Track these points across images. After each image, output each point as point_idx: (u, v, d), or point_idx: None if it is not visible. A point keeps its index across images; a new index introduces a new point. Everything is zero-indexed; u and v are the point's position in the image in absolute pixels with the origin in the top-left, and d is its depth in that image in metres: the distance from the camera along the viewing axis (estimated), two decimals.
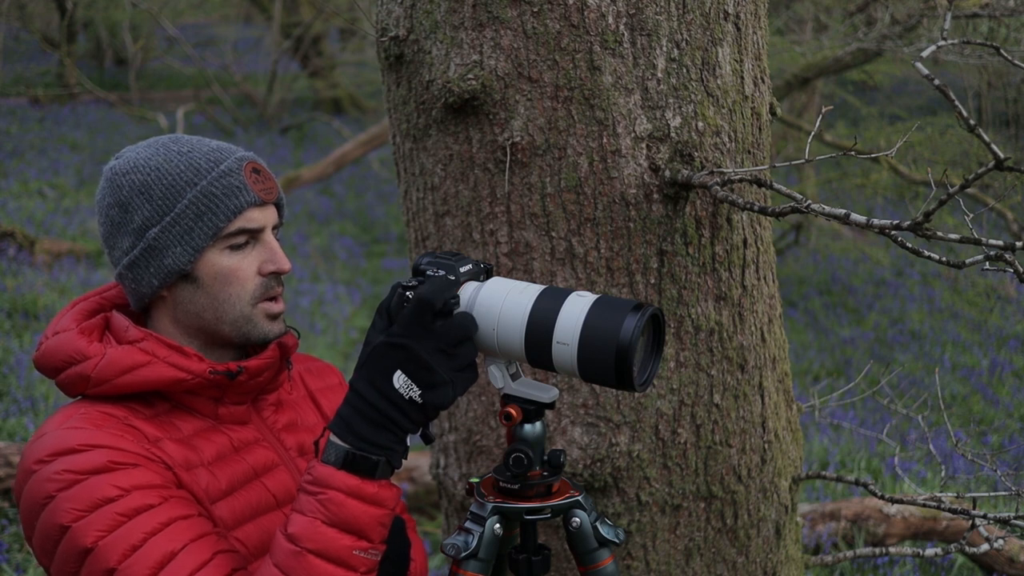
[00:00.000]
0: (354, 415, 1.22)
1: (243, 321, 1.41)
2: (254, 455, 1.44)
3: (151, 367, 1.34)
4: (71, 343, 1.36)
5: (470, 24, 1.65)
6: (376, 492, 1.23)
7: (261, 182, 1.42)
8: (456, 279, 1.30)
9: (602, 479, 1.72)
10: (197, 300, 1.40)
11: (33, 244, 7.90)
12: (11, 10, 13.69)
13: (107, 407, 1.34)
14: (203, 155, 1.39)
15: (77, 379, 1.35)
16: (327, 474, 1.22)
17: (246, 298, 1.40)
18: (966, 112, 1.28)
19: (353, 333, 7.93)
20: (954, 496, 1.84)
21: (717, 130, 1.70)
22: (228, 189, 1.37)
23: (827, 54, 6.47)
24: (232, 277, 1.39)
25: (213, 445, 1.40)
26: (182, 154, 1.39)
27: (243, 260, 1.40)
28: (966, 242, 1.31)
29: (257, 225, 1.40)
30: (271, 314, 1.43)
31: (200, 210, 1.36)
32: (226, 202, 1.37)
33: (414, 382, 1.21)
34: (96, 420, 1.31)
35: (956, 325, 8.64)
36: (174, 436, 1.36)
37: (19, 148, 11.73)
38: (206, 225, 1.36)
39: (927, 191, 7.14)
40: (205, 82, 14.27)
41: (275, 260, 1.42)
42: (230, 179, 1.38)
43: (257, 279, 1.41)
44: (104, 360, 1.33)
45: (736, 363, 1.77)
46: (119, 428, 1.31)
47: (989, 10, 4.88)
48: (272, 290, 1.42)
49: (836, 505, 4.07)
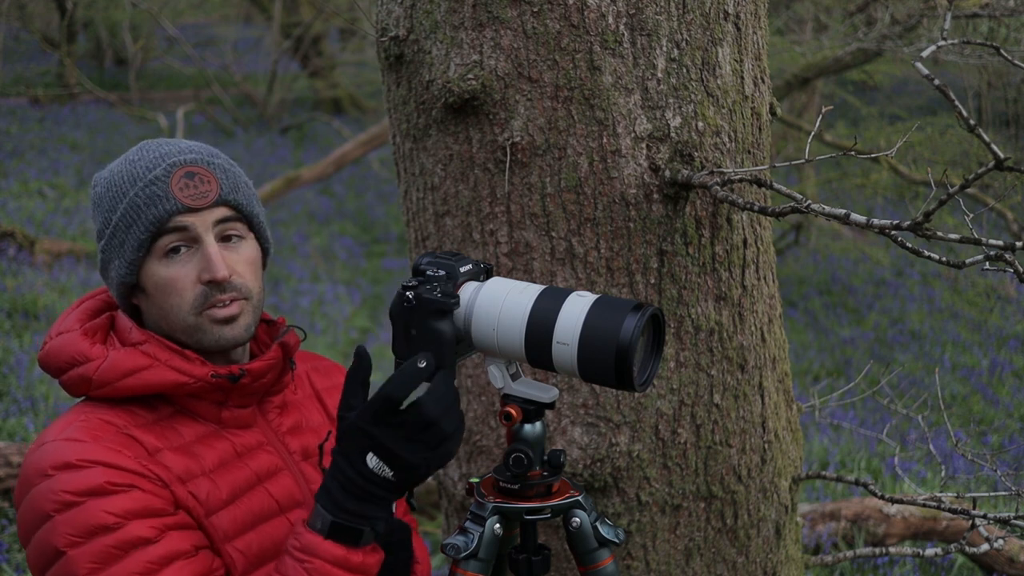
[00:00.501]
0: (337, 488, 1.23)
1: (192, 330, 1.37)
2: (257, 460, 1.43)
3: (152, 370, 1.34)
4: (74, 344, 1.35)
5: (470, 24, 1.65)
6: (361, 561, 1.24)
7: (192, 187, 1.35)
8: (455, 278, 1.31)
9: (602, 479, 1.72)
10: (152, 311, 1.39)
11: (33, 244, 7.90)
12: (11, 10, 13.68)
13: (108, 413, 1.33)
14: (147, 163, 1.36)
15: (80, 381, 1.34)
16: (313, 543, 1.23)
17: (186, 308, 1.36)
18: (966, 112, 1.28)
19: (353, 333, 7.93)
20: (954, 496, 1.84)
21: (717, 130, 1.70)
22: (150, 198, 1.34)
23: (827, 54, 6.47)
24: (170, 288, 1.36)
25: (215, 452, 1.38)
26: (131, 163, 1.38)
27: (181, 269, 1.35)
28: (966, 242, 1.31)
29: (188, 233, 1.35)
30: (217, 319, 1.37)
31: (128, 221, 1.34)
32: (146, 212, 1.33)
33: (386, 464, 1.22)
34: (95, 430, 1.30)
35: (956, 325, 8.64)
36: (175, 444, 1.35)
37: (19, 148, 11.73)
38: (133, 236, 1.34)
39: (927, 191, 7.14)
40: (205, 82, 14.27)
41: (209, 268, 1.35)
42: (153, 188, 1.34)
43: (197, 288, 1.36)
44: (106, 363, 1.33)
45: (736, 363, 1.77)
46: (117, 441, 1.29)
47: (989, 10, 4.88)
48: (213, 298, 1.37)
49: (836, 505, 4.07)
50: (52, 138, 12.46)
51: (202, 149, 1.42)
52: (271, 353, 1.43)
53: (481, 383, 1.80)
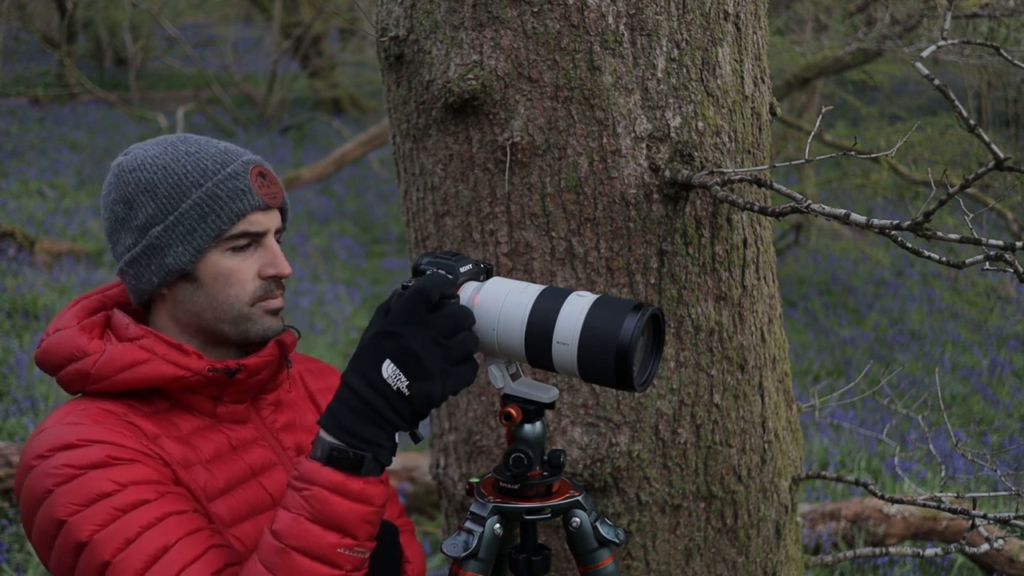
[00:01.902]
0: (341, 408, 1.21)
1: (242, 319, 1.42)
2: (252, 454, 1.45)
3: (150, 364, 1.36)
4: (71, 340, 1.37)
5: (470, 24, 1.65)
6: (361, 489, 1.21)
7: (266, 186, 1.43)
8: (455, 277, 1.30)
9: (602, 479, 1.72)
10: (196, 299, 1.41)
11: (33, 244, 7.90)
12: (11, 10, 13.69)
13: (106, 404, 1.35)
14: (210, 156, 1.41)
15: (77, 376, 1.36)
16: (312, 470, 1.21)
17: (245, 299, 1.41)
18: (966, 112, 1.28)
19: (353, 333, 7.93)
20: (954, 496, 1.84)
21: (717, 130, 1.70)
22: (233, 192, 1.39)
23: (827, 54, 6.47)
24: (232, 278, 1.40)
25: (211, 444, 1.41)
26: (190, 154, 1.40)
27: (244, 262, 1.41)
28: (966, 242, 1.31)
29: (260, 229, 1.41)
30: (270, 309, 1.44)
31: (204, 211, 1.37)
32: (230, 205, 1.38)
33: (403, 372, 1.18)
34: (95, 416, 1.32)
35: (956, 325, 8.64)
36: (173, 434, 1.37)
37: (19, 148, 11.73)
38: (209, 227, 1.37)
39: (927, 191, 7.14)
40: (205, 82, 14.27)
41: (275, 264, 1.43)
42: (235, 182, 1.39)
43: (257, 281, 1.42)
44: (104, 357, 1.35)
45: (736, 363, 1.77)
46: (118, 424, 1.32)
47: (989, 10, 4.88)
48: (271, 292, 1.44)
49: (836, 505, 4.07)
50: (52, 138, 12.46)
51: (247, 150, 1.49)
52: (267, 350, 1.45)
53: (481, 383, 1.80)
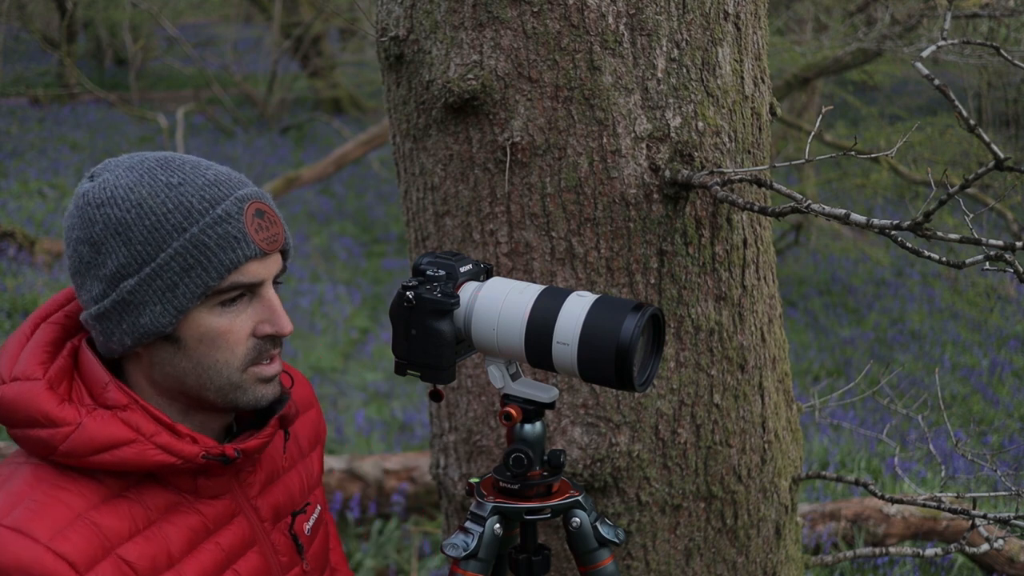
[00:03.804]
0: None
1: (230, 388, 1.21)
2: (228, 535, 1.26)
3: (134, 448, 1.14)
4: (37, 402, 1.12)
5: (470, 24, 1.65)
6: None
7: (265, 228, 1.19)
8: (455, 277, 1.31)
9: (602, 479, 1.72)
10: (178, 363, 1.18)
11: (33, 244, 7.90)
12: (11, 10, 13.68)
13: (67, 485, 1.13)
14: (197, 190, 1.15)
15: (39, 443, 1.13)
16: None
17: (235, 364, 1.19)
18: (966, 112, 1.28)
19: (353, 333, 7.94)
20: (954, 496, 1.84)
21: (717, 130, 1.70)
22: (224, 239, 1.14)
23: (827, 54, 6.47)
24: (221, 340, 1.17)
25: (183, 532, 1.21)
26: (172, 187, 1.15)
27: (235, 319, 1.18)
28: (966, 242, 1.31)
29: (255, 279, 1.18)
30: (264, 378, 1.23)
31: (188, 263, 1.13)
32: (220, 256, 1.14)
33: None
34: (49, 514, 1.09)
35: (956, 325, 8.64)
36: (140, 523, 1.17)
37: (19, 148, 11.73)
38: (193, 282, 1.14)
39: (927, 191, 7.14)
40: (205, 82, 14.26)
41: (274, 321, 1.20)
42: (227, 226, 1.14)
43: (250, 341, 1.20)
44: (77, 433, 1.11)
45: (736, 363, 1.77)
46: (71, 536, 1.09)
47: (989, 10, 4.88)
48: (267, 353, 1.22)
49: (836, 505, 4.07)
50: (52, 138, 12.46)
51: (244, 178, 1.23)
52: (267, 430, 1.26)
53: (481, 383, 1.80)
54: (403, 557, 4.21)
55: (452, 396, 1.85)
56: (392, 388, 6.67)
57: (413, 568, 4.06)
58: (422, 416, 5.88)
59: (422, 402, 6.15)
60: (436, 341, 1.30)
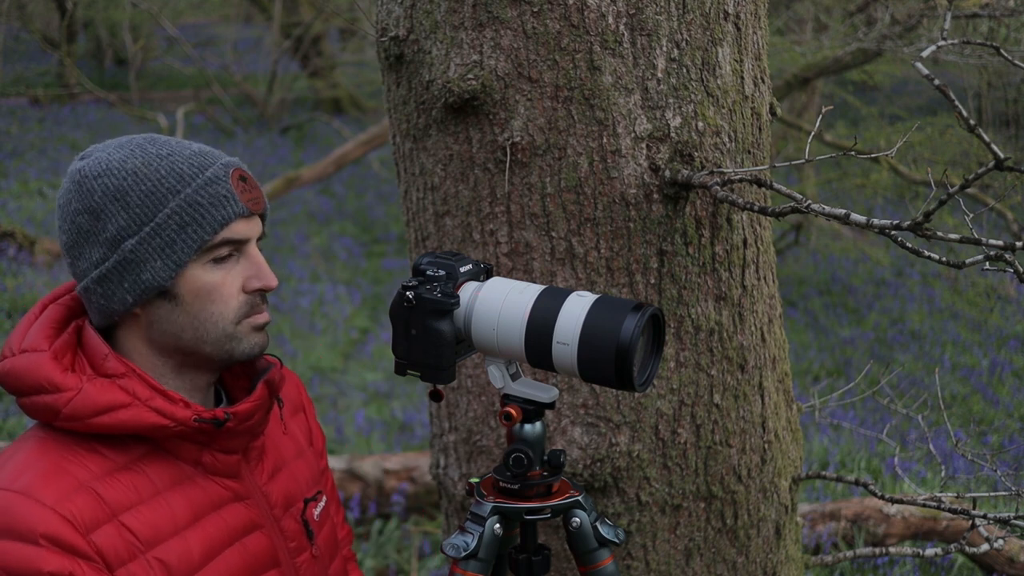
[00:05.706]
0: None
1: (226, 339, 1.30)
2: (234, 513, 1.33)
3: (130, 410, 1.23)
4: (42, 370, 1.22)
5: (470, 24, 1.65)
6: None
7: (248, 191, 1.31)
8: (455, 277, 1.31)
9: (602, 479, 1.72)
10: (175, 319, 1.28)
11: (33, 244, 7.90)
12: (11, 10, 13.68)
13: (71, 455, 1.22)
14: (185, 159, 1.27)
15: (45, 409, 1.22)
16: None
17: (230, 316, 1.29)
18: (966, 112, 1.28)
19: (353, 333, 7.93)
20: (954, 496, 1.84)
21: (717, 130, 1.70)
22: (215, 198, 1.26)
23: (827, 54, 6.47)
24: (215, 294, 1.28)
25: (189, 503, 1.28)
26: (162, 157, 1.27)
27: (227, 275, 1.29)
28: (966, 242, 1.31)
29: (243, 237, 1.29)
30: (256, 326, 1.32)
31: (184, 220, 1.24)
32: (212, 213, 1.25)
33: None
34: (52, 481, 1.18)
35: (956, 325, 8.63)
36: (145, 494, 1.24)
37: (19, 148, 11.73)
38: (190, 237, 1.24)
39: (927, 191, 7.14)
40: (205, 82, 14.26)
41: (261, 276, 1.31)
42: (217, 187, 1.26)
43: (241, 297, 1.30)
44: (79, 396, 1.21)
45: (736, 363, 1.77)
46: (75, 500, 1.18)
47: (989, 10, 4.88)
48: (256, 307, 1.32)
49: (836, 505, 4.07)
50: (52, 138, 12.46)
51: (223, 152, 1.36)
52: (256, 393, 1.33)
53: (481, 383, 1.80)
54: (403, 557, 4.21)
55: (452, 396, 1.85)
56: (392, 388, 6.67)
57: (413, 568, 4.07)
58: (422, 416, 5.88)
59: (422, 402, 6.15)
60: (436, 341, 1.31)
